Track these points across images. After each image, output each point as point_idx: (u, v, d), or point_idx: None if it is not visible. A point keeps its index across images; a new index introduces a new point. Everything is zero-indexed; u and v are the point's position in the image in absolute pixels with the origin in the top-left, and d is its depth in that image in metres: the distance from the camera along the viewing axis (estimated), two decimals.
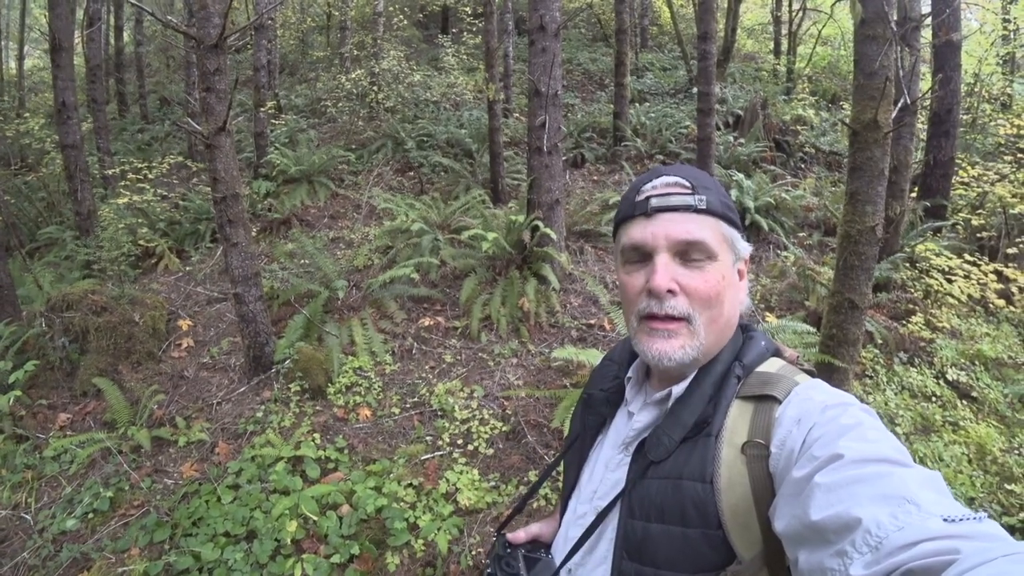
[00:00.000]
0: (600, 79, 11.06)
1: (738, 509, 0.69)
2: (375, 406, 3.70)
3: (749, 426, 0.73)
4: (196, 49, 3.54)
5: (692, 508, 0.71)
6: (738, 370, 0.78)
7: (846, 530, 0.53)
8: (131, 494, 3.06)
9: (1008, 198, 5.44)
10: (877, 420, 0.66)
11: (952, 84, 5.79)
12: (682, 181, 0.80)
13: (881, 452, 0.59)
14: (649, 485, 0.76)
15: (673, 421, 0.78)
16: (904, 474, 0.55)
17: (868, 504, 0.53)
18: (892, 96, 2.79)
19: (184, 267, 5.65)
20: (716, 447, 0.73)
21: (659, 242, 0.78)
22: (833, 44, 12.21)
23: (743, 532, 0.69)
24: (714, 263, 0.78)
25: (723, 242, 0.79)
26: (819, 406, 0.68)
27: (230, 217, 3.58)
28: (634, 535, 0.76)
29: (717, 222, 0.78)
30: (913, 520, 0.50)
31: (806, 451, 0.64)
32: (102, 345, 3.99)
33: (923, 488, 0.53)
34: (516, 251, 4.75)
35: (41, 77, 13.50)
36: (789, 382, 0.75)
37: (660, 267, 0.77)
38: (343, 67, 9.44)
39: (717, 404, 0.76)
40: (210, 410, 3.72)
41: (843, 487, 0.56)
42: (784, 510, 0.63)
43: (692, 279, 0.77)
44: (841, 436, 0.62)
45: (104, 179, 7.14)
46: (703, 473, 0.72)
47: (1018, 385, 3.94)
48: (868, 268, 2.90)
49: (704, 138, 5.90)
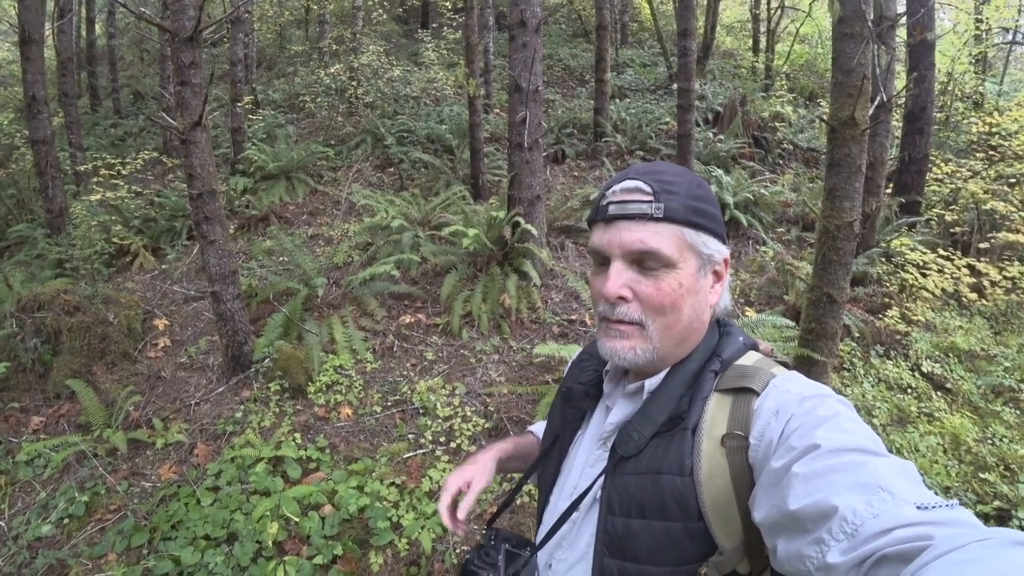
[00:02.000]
0: (580, 75, 11.07)
1: (719, 500, 0.70)
2: (356, 405, 3.67)
3: (728, 418, 0.73)
4: (171, 42, 3.46)
5: (672, 502, 0.72)
6: (715, 365, 0.79)
7: (823, 518, 0.54)
8: (107, 498, 2.99)
9: (980, 194, 5.58)
10: (853, 411, 0.67)
11: (926, 83, 5.90)
12: (643, 187, 0.77)
13: (857, 442, 0.60)
14: (627, 481, 0.76)
15: (643, 417, 0.79)
16: (879, 463, 0.56)
17: (844, 492, 0.54)
18: (869, 93, 2.83)
19: (160, 265, 5.53)
20: (695, 440, 0.73)
21: (614, 250, 0.78)
22: (811, 42, 12.39)
23: (724, 523, 0.70)
24: (671, 271, 0.76)
25: (684, 249, 0.77)
26: (797, 397, 0.69)
27: (207, 214, 3.51)
28: (614, 531, 0.76)
29: (678, 229, 0.76)
30: (888, 508, 0.51)
31: (784, 442, 0.65)
32: (75, 346, 3.89)
33: (897, 477, 0.54)
34: (497, 247, 4.74)
35: (10, 70, 13.07)
36: (766, 374, 0.75)
37: (612, 275, 0.77)
38: (322, 62, 9.31)
39: (693, 399, 0.77)
40: (188, 411, 3.66)
41: (820, 476, 0.57)
42: (763, 500, 0.64)
43: (646, 287, 0.77)
44: (818, 427, 0.63)
45: (76, 175, 6.95)
46: (682, 466, 0.73)
47: (990, 376, 4.03)
48: (846, 263, 2.95)
49: (684, 134, 5.93)
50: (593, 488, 0.81)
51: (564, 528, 0.84)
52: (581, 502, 0.82)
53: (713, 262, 0.81)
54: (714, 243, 0.79)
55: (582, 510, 0.83)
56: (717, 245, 0.80)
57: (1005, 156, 5.98)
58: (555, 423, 0.97)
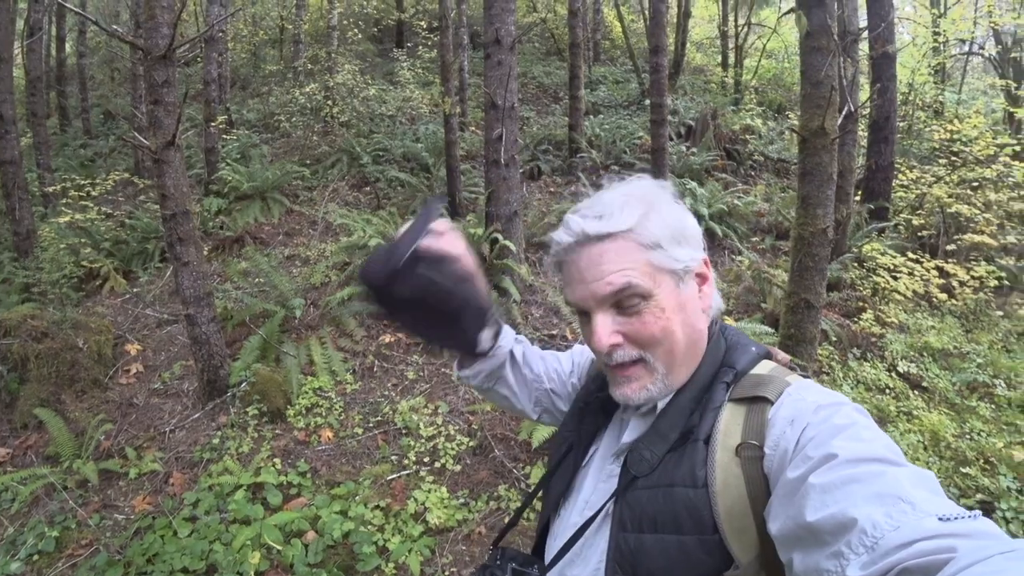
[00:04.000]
0: (555, 92, 11.22)
1: (734, 512, 0.68)
2: (337, 427, 3.60)
3: (742, 428, 0.72)
4: (144, 61, 3.41)
5: (686, 514, 0.70)
6: (727, 376, 0.78)
7: (842, 530, 0.53)
8: (78, 532, 2.87)
9: (945, 198, 5.77)
10: (870, 419, 0.66)
11: (889, 93, 6.12)
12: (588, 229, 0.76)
13: (875, 452, 0.59)
14: (640, 495, 0.75)
15: (654, 435, 0.78)
16: (898, 473, 0.55)
17: (863, 504, 0.53)
18: (837, 104, 2.91)
19: (131, 289, 5.39)
20: (708, 451, 0.72)
21: (589, 303, 0.77)
22: (777, 57, 12.76)
23: (740, 535, 0.68)
24: (650, 302, 0.75)
25: (656, 274, 0.75)
26: (812, 406, 0.68)
27: (180, 235, 3.44)
28: (627, 548, 0.74)
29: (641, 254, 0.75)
30: (909, 519, 0.50)
31: (800, 451, 0.64)
32: (43, 373, 3.76)
33: (917, 487, 0.53)
34: None
35: None
36: (781, 383, 0.74)
37: (598, 329, 0.76)
38: (297, 81, 9.27)
39: (704, 412, 0.76)
40: (162, 438, 3.54)
41: (838, 487, 0.56)
42: (779, 511, 0.62)
43: (631, 327, 0.76)
44: (835, 436, 0.62)
45: (44, 197, 6.79)
46: (695, 478, 0.71)
47: (964, 373, 4.14)
48: (822, 268, 3.00)
49: (658, 148, 6.03)
50: (607, 505, 0.79)
51: (577, 545, 0.82)
52: (594, 520, 0.80)
53: (689, 271, 0.79)
54: (682, 251, 0.77)
55: (593, 527, 0.81)
56: (688, 253, 0.78)
57: (966, 161, 6.20)
58: (568, 434, 0.94)
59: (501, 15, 4.47)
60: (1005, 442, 3.37)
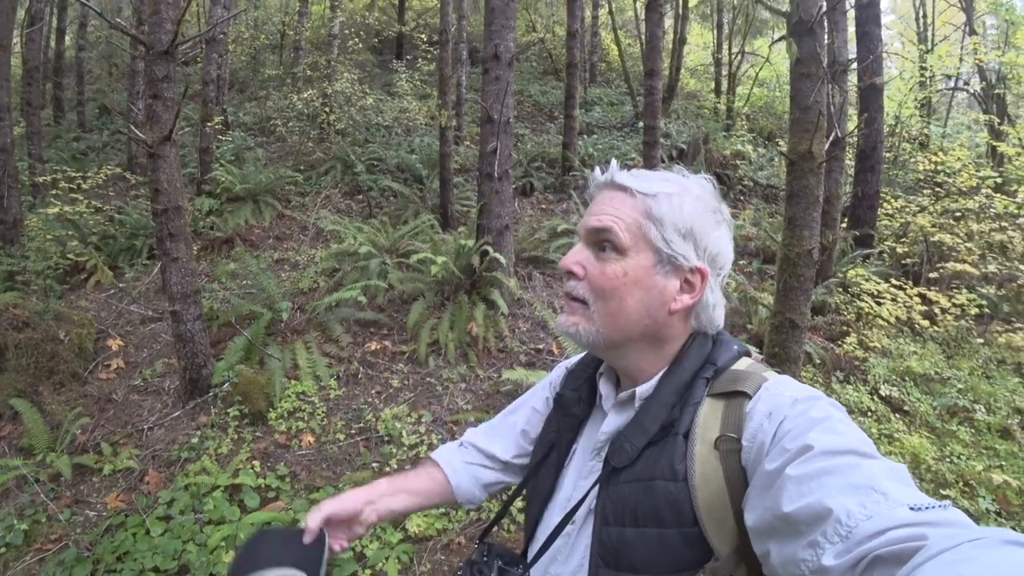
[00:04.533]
0: (550, 111, 11.36)
1: (713, 504, 0.69)
2: (319, 432, 3.56)
3: (721, 421, 0.73)
4: (146, 55, 3.42)
5: (667, 507, 0.71)
6: (708, 372, 0.79)
7: (818, 520, 0.54)
8: (48, 527, 2.80)
9: (928, 227, 5.89)
10: (845, 414, 0.68)
11: (876, 124, 6.27)
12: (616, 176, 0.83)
13: (849, 444, 0.60)
14: (621, 489, 0.76)
15: (635, 427, 0.78)
16: (872, 465, 0.57)
17: (838, 495, 0.54)
18: (825, 129, 2.98)
19: (117, 284, 5.33)
20: (688, 445, 0.73)
21: (580, 230, 0.83)
22: (769, 86, 13.04)
23: (719, 528, 0.69)
24: (620, 258, 0.77)
25: (639, 239, 0.78)
26: (789, 400, 0.70)
27: (171, 230, 3.42)
28: (609, 541, 0.75)
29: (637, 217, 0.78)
30: (881, 509, 0.51)
31: (777, 443, 0.65)
32: (21, 363, 3.68)
33: (890, 478, 0.55)
34: (465, 276, 4.74)
35: None
36: (758, 378, 0.76)
37: (572, 251, 0.82)
38: (295, 87, 9.32)
39: (684, 406, 0.77)
40: (140, 436, 3.48)
41: (814, 478, 0.57)
42: (755, 502, 0.63)
43: (593, 268, 0.80)
44: (811, 428, 0.63)
45: (34, 187, 6.73)
46: (674, 471, 0.72)
47: (945, 398, 4.20)
48: (807, 289, 3.04)
49: (650, 169, 6.11)
50: (587, 499, 0.80)
51: (558, 542, 0.82)
52: (575, 514, 0.81)
53: (676, 264, 0.78)
54: (680, 243, 0.78)
55: (577, 522, 0.81)
56: (684, 248, 0.78)
57: (950, 192, 6.36)
58: (551, 432, 0.94)
59: (501, 31, 4.55)
60: (984, 465, 3.41)
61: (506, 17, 4.55)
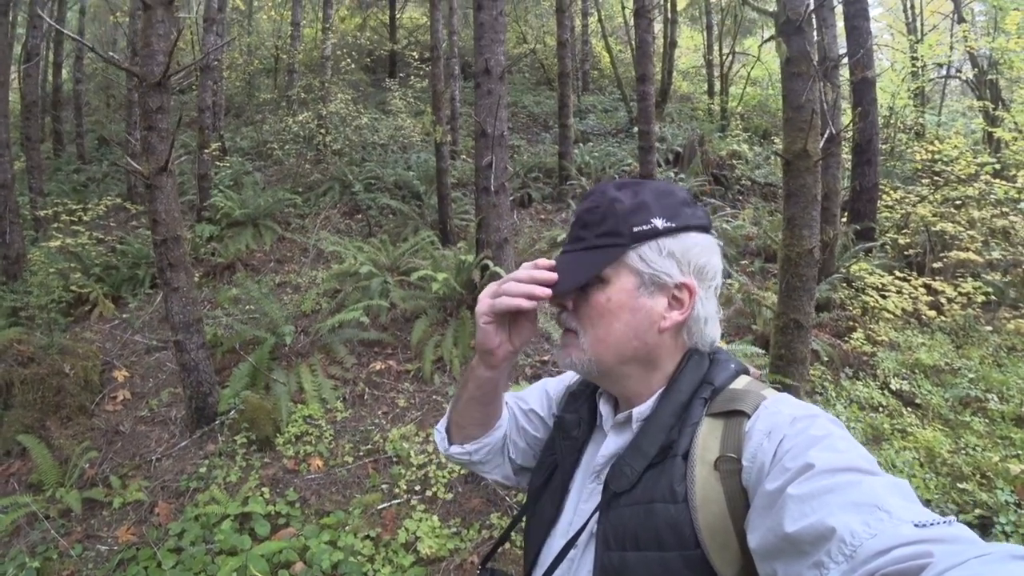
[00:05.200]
0: (545, 121, 11.41)
1: (715, 527, 0.68)
2: (327, 455, 3.55)
3: (720, 442, 0.72)
4: (139, 87, 3.45)
5: (668, 530, 0.70)
6: (705, 392, 0.78)
7: (821, 540, 0.53)
8: (60, 563, 2.79)
9: (929, 217, 5.87)
10: (845, 430, 0.67)
11: (870, 117, 6.27)
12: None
13: (851, 461, 0.59)
14: (622, 513, 0.75)
15: (634, 450, 0.77)
16: (874, 482, 0.56)
17: (841, 513, 0.53)
18: (819, 127, 2.98)
19: (120, 314, 5.35)
20: (687, 466, 0.72)
21: None
22: (762, 84, 13.08)
23: (722, 550, 0.68)
24: (603, 287, 0.78)
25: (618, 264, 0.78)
26: (788, 418, 0.69)
27: (171, 260, 3.43)
28: (611, 566, 0.73)
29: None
30: (885, 527, 0.51)
31: (777, 463, 0.64)
32: (28, 399, 3.70)
33: (893, 495, 0.54)
34: (466, 291, 4.74)
35: None
36: (756, 396, 0.75)
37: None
38: (290, 110, 9.38)
39: (682, 427, 0.76)
40: (148, 467, 3.47)
41: (816, 497, 0.56)
42: (758, 523, 0.62)
43: (578, 299, 0.81)
44: (811, 447, 0.62)
45: (35, 221, 6.79)
46: (674, 493, 0.71)
47: (957, 388, 4.14)
48: (809, 288, 3.02)
49: (646, 175, 6.13)
50: (589, 524, 0.79)
51: (562, 567, 0.81)
52: (577, 539, 0.80)
53: (659, 283, 0.78)
54: (662, 263, 0.77)
55: (579, 547, 0.80)
56: (668, 267, 0.78)
57: (948, 180, 6.34)
58: (551, 455, 0.93)
59: (491, 46, 4.57)
60: (1000, 456, 3.35)
61: (495, 31, 4.58)
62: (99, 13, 14.23)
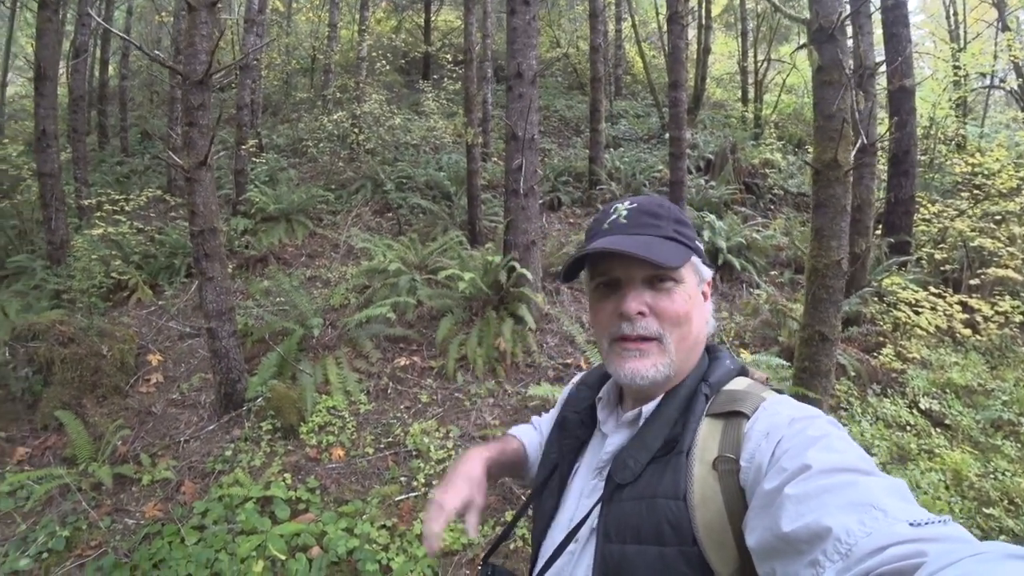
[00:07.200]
0: (576, 125, 11.39)
1: (713, 525, 0.69)
2: (348, 446, 3.62)
3: (719, 442, 0.74)
4: (182, 85, 3.59)
5: (667, 526, 0.71)
6: (705, 389, 0.80)
7: (817, 539, 0.54)
8: (89, 533, 2.92)
9: (968, 232, 5.67)
10: (843, 431, 0.68)
11: (908, 127, 6.10)
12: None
13: (848, 462, 0.60)
14: (624, 507, 0.76)
15: (638, 443, 0.79)
16: (870, 482, 0.57)
17: (837, 513, 0.54)
18: (850, 137, 2.93)
19: (157, 301, 5.54)
20: (687, 464, 0.73)
21: (627, 273, 0.82)
22: (797, 92, 12.83)
23: (719, 549, 0.69)
24: (679, 286, 0.82)
25: (688, 266, 0.83)
26: (786, 419, 0.70)
27: (207, 251, 3.56)
28: (611, 559, 0.75)
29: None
30: (880, 526, 0.51)
31: (775, 463, 0.65)
32: (67, 377, 3.87)
33: (889, 495, 0.55)
34: (493, 291, 4.77)
35: (22, 105, 13.42)
36: (756, 398, 0.76)
37: (630, 293, 0.81)
38: (325, 109, 9.57)
39: (686, 423, 0.78)
40: (177, 448, 3.60)
41: (813, 497, 0.57)
42: (755, 523, 0.63)
43: (662, 301, 0.81)
44: (809, 447, 0.63)
45: (79, 209, 7.04)
46: (677, 490, 0.72)
47: (989, 411, 4.01)
48: (836, 301, 2.98)
49: (676, 181, 6.08)
50: (590, 518, 0.81)
51: (561, 561, 0.83)
52: (577, 533, 0.81)
53: (704, 279, 0.87)
54: (701, 264, 0.86)
55: (580, 541, 0.82)
56: (703, 266, 0.87)
57: (989, 194, 6.12)
58: (552, 454, 0.96)
59: (523, 50, 4.62)
60: None
61: (528, 36, 4.62)
62: (145, 13, 14.76)
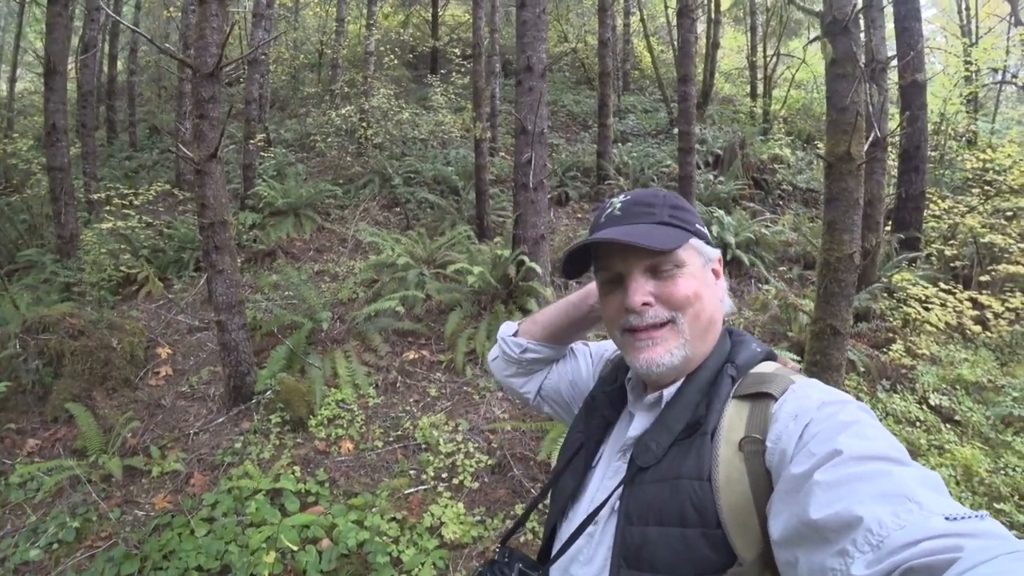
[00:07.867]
0: (584, 120, 11.36)
1: (737, 507, 0.68)
2: (358, 439, 3.63)
3: (746, 423, 0.72)
4: (192, 77, 3.60)
5: (691, 507, 0.70)
6: (731, 371, 0.79)
7: (847, 528, 0.52)
8: (99, 525, 2.94)
9: (978, 228, 5.63)
10: (874, 418, 0.66)
11: (919, 122, 6.05)
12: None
13: (880, 450, 0.58)
14: (647, 489, 0.75)
15: (660, 426, 0.78)
16: (904, 473, 0.55)
17: (869, 502, 0.52)
18: (863, 130, 2.91)
19: (166, 294, 5.58)
20: (713, 445, 0.72)
21: (627, 266, 0.82)
22: (806, 87, 12.73)
23: (743, 531, 0.67)
24: (682, 269, 0.81)
25: (688, 249, 0.83)
26: (816, 403, 0.68)
27: (216, 244, 3.57)
28: (632, 541, 0.74)
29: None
30: (915, 519, 0.50)
31: (803, 447, 0.63)
32: (77, 369, 3.89)
33: (923, 487, 0.53)
34: (501, 285, 4.77)
35: (32, 100, 13.51)
36: (785, 380, 0.75)
37: (633, 286, 0.81)
38: (333, 103, 9.59)
39: (710, 405, 0.77)
40: (186, 440, 3.62)
41: (844, 485, 0.55)
42: (781, 507, 0.62)
43: (666, 288, 0.81)
44: (840, 432, 0.61)
45: (89, 203, 7.09)
46: (700, 471, 0.71)
47: (999, 407, 3.98)
48: (848, 294, 2.96)
49: (685, 176, 6.05)
50: (611, 499, 0.80)
51: (580, 542, 0.82)
52: (598, 514, 0.80)
53: (710, 259, 0.87)
54: (705, 245, 0.86)
55: (600, 523, 0.81)
56: (707, 246, 0.87)
57: (1000, 191, 6.07)
58: (578, 432, 0.95)
59: (533, 43, 4.60)
60: None
61: (537, 29, 4.60)
62: (153, 8, 14.79)
